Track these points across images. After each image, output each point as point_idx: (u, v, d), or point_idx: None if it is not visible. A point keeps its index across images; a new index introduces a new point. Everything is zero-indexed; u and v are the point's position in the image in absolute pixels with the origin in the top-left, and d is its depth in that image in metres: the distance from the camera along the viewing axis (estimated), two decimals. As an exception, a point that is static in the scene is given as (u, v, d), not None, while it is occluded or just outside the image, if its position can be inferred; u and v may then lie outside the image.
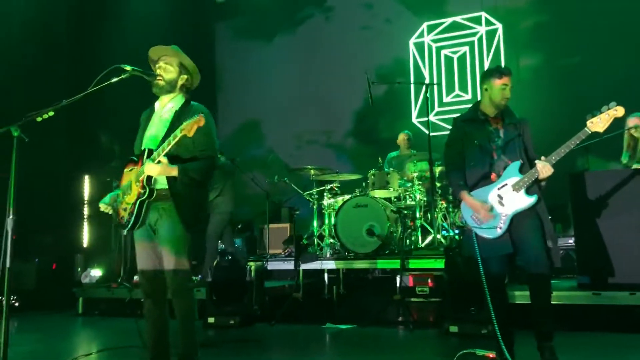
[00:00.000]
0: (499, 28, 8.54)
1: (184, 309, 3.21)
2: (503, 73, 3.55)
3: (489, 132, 3.55)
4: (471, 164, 3.56)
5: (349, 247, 6.05)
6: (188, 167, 3.15)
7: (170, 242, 3.17)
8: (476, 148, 3.53)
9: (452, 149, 3.69)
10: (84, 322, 6.53)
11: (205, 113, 3.28)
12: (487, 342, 4.10)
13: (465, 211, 3.56)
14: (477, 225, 3.49)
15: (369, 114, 8.96)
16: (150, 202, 3.17)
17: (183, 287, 3.21)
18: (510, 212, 3.40)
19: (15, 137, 2.94)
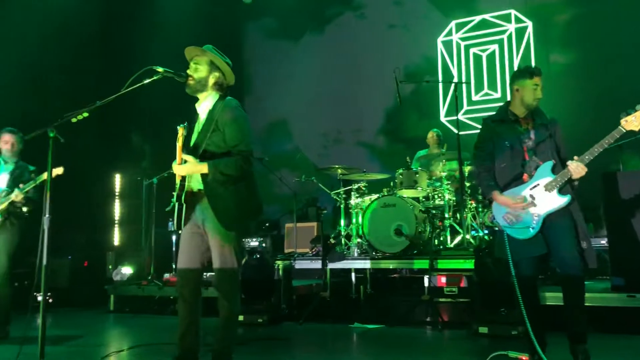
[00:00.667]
0: (528, 26, 8.42)
1: (227, 309, 3.24)
2: (534, 73, 3.52)
3: (519, 132, 3.52)
4: (502, 164, 3.53)
5: (377, 247, 6.03)
6: (219, 163, 3.14)
7: (215, 243, 3.22)
8: (507, 149, 3.51)
9: (482, 149, 3.66)
10: (115, 318, 6.63)
11: (234, 107, 3.30)
12: (517, 344, 4.06)
13: (497, 211, 3.52)
14: (509, 225, 3.45)
15: (397, 112, 8.91)
16: (195, 201, 3.21)
17: (227, 286, 3.24)
18: (542, 213, 3.36)
19: (51, 138, 3.02)
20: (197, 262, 3.30)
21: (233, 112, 3.27)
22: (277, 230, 8.89)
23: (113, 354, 4.31)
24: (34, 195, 5.04)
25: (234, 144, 3.21)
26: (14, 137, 5.21)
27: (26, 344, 3.40)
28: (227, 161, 3.17)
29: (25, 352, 3.41)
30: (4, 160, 5.22)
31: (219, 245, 3.21)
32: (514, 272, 3.37)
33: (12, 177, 5.15)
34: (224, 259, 3.21)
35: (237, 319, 3.34)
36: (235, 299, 3.27)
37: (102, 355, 4.25)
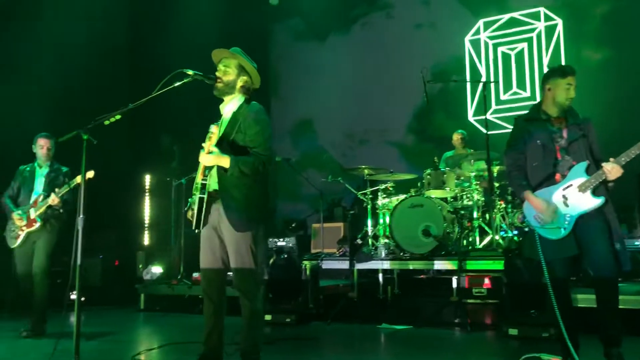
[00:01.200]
0: (558, 23, 8.28)
1: (249, 308, 3.28)
2: (567, 72, 3.49)
3: (551, 132, 3.48)
4: (534, 164, 3.50)
5: (404, 248, 6.00)
6: (239, 159, 3.20)
7: (230, 242, 3.27)
8: (539, 148, 3.47)
9: (514, 148, 3.63)
10: (146, 317, 6.74)
11: (257, 110, 3.35)
12: (548, 346, 4.01)
13: (528, 211, 3.49)
14: (540, 226, 3.41)
15: (424, 112, 8.86)
16: (211, 202, 3.25)
17: (246, 285, 3.28)
18: (575, 213, 3.32)
19: (84, 140, 3.09)
20: (219, 262, 3.35)
21: (257, 115, 3.33)
22: (303, 230, 8.91)
23: (144, 352, 4.38)
24: (69, 197, 5.17)
25: (253, 146, 3.26)
26: (49, 141, 5.36)
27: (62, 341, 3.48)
28: (246, 159, 3.22)
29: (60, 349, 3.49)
30: (39, 164, 5.38)
31: (234, 245, 3.26)
32: (547, 273, 3.33)
33: (48, 180, 5.32)
34: (240, 258, 3.25)
35: (260, 317, 3.38)
36: (255, 298, 3.31)
37: (133, 352, 4.33)
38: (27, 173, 5.39)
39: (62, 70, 7.95)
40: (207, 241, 3.37)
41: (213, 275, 3.37)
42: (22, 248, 5.23)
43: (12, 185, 5.42)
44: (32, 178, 5.35)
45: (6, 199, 5.36)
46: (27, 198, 5.29)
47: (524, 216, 3.53)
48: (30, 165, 5.42)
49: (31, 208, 5.18)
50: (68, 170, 5.41)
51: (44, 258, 5.16)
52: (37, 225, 5.15)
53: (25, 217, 5.19)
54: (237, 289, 3.30)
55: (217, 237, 3.33)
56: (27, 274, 5.18)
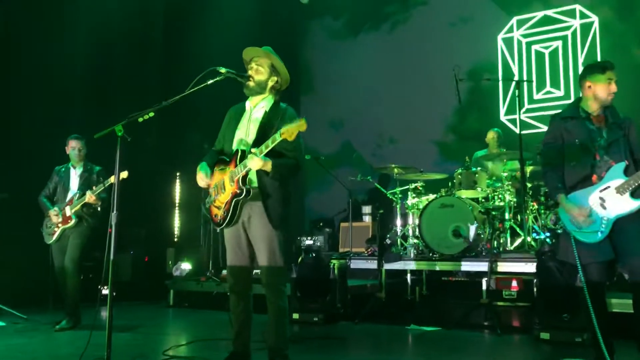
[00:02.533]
0: (595, 21, 8.09)
1: (276, 305, 3.29)
2: (606, 67, 3.42)
3: (590, 130, 3.39)
4: (571, 163, 3.40)
5: (434, 248, 5.94)
6: (280, 163, 3.24)
7: (262, 240, 3.28)
8: (577, 147, 3.38)
9: (551, 147, 3.53)
10: (175, 313, 6.81)
11: (293, 114, 3.37)
12: (581, 351, 3.93)
13: (563, 214, 3.41)
14: (576, 229, 3.33)
15: (456, 111, 8.75)
16: (244, 201, 3.26)
17: (276, 283, 3.30)
18: (612, 216, 3.23)
19: (119, 136, 3.13)
20: (247, 260, 3.39)
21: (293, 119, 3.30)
22: (332, 229, 8.90)
23: (173, 347, 4.42)
24: (105, 194, 5.32)
25: (289, 149, 3.29)
26: (80, 142, 5.59)
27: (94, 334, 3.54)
28: (285, 162, 3.27)
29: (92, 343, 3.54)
30: (73, 165, 5.57)
31: (266, 242, 3.27)
32: (583, 277, 3.26)
33: (82, 179, 5.54)
34: (272, 256, 3.27)
35: (286, 315, 3.38)
36: (282, 295, 3.33)
37: (163, 347, 4.37)
38: (62, 173, 5.62)
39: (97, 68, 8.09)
40: (233, 238, 3.39)
41: (240, 273, 3.40)
42: (57, 244, 5.44)
43: (48, 185, 5.64)
44: (67, 178, 5.57)
45: (43, 198, 5.58)
46: (63, 197, 5.51)
47: (560, 218, 3.46)
48: (65, 165, 5.66)
49: (67, 206, 5.39)
50: (101, 169, 5.60)
51: (76, 252, 5.33)
52: (73, 222, 5.34)
53: (61, 215, 5.37)
54: (265, 286, 3.32)
55: (244, 234, 3.35)
56: (62, 268, 5.36)
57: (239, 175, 3.22)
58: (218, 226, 3.38)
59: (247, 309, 3.43)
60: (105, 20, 8.12)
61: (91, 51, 8.02)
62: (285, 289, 3.40)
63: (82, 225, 5.38)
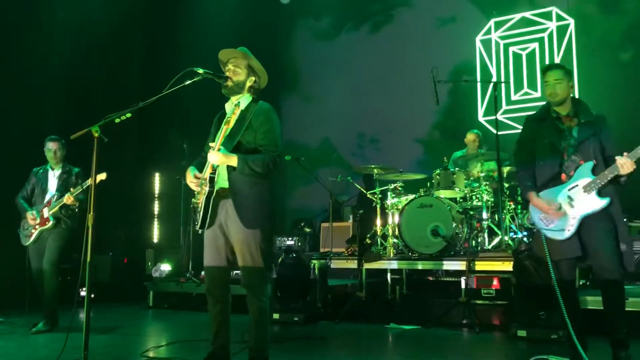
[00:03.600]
0: (570, 23, 8.23)
1: (256, 306, 3.29)
2: (544, 70, 3.58)
3: (560, 130, 3.48)
4: (541, 163, 3.51)
5: (413, 248, 5.99)
6: (248, 157, 3.21)
7: (239, 240, 3.27)
8: (547, 147, 3.48)
9: (523, 148, 3.66)
10: (154, 314, 6.77)
11: (268, 109, 3.37)
12: (557, 348, 3.99)
13: (533, 212, 3.52)
14: (544, 227, 3.42)
15: (434, 112, 8.83)
16: (217, 201, 3.26)
17: (254, 283, 3.30)
18: (579, 214, 3.32)
19: (96, 137, 3.11)
20: (224, 261, 3.36)
21: (268, 114, 3.35)
22: (312, 229, 8.92)
23: (152, 349, 4.40)
24: (84, 196, 5.27)
25: (264, 144, 3.27)
26: (57, 144, 5.53)
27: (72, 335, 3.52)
28: (256, 157, 3.23)
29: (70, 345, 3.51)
30: (51, 167, 5.51)
31: (243, 243, 3.26)
32: (554, 274, 3.35)
33: (60, 181, 5.49)
34: (250, 256, 3.26)
35: (267, 316, 3.38)
36: (263, 295, 3.32)
37: (141, 349, 4.35)
38: (40, 175, 5.56)
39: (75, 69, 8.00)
40: (211, 239, 3.37)
41: (217, 274, 3.39)
42: (35, 245, 5.39)
43: (26, 187, 5.58)
44: (45, 179, 5.51)
45: (20, 200, 5.52)
46: (41, 198, 5.46)
47: (531, 217, 3.55)
48: (43, 167, 5.60)
49: (45, 207, 5.33)
50: (80, 171, 5.55)
51: (54, 254, 5.28)
52: (50, 223, 5.29)
53: (39, 216, 5.33)
54: (245, 287, 3.31)
55: (223, 235, 3.33)
56: (39, 270, 5.30)
57: (205, 172, 3.22)
58: (199, 228, 3.37)
59: (225, 310, 3.41)
60: (84, 20, 8.04)
61: (70, 51, 7.94)
62: (266, 290, 3.39)
63: (60, 227, 5.33)
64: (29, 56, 7.37)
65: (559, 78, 3.46)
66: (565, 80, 3.47)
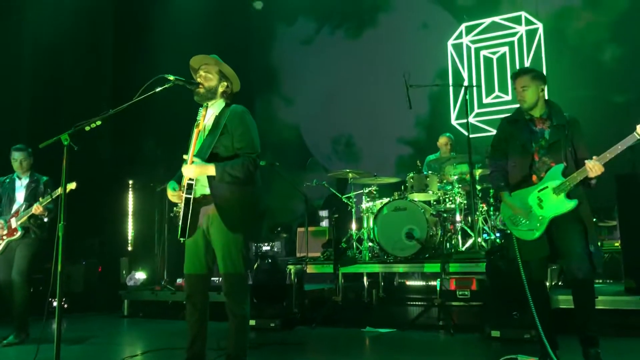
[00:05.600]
0: (539, 27, 8.39)
1: (236, 313, 3.27)
2: (513, 77, 3.65)
3: (532, 132, 3.53)
4: (512, 164, 3.58)
5: (388, 251, 6.02)
6: (226, 164, 3.18)
7: (221, 246, 3.24)
8: (518, 149, 3.54)
9: (496, 149, 3.73)
10: (129, 323, 6.69)
11: (242, 111, 3.36)
12: (530, 347, 4.05)
13: (504, 212, 3.59)
14: (514, 227, 3.50)
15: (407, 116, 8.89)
16: (198, 208, 3.24)
17: (236, 290, 3.27)
18: (548, 215, 3.38)
19: (65, 145, 3.07)
20: (204, 268, 3.34)
21: (242, 116, 3.33)
22: (288, 234, 8.91)
23: (127, 358, 4.35)
24: (52, 205, 5.17)
25: (241, 146, 3.25)
26: (22, 154, 5.39)
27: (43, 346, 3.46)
28: (234, 162, 3.20)
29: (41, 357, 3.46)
30: (18, 176, 5.41)
31: (225, 249, 3.23)
32: (524, 273, 3.42)
33: (29, 190, 5.36)
34: (231, 263, 3.23)
35: (247, 323, 3.36)
36: (244, 303, 3.30)
37: (115, 358, 4.30)
38: (7, 184, 5.43)
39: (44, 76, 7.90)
40: (192, 246, 3.33)
41: (197, 281, 3.36)
42: (2, 256, 5.24)
43: None
44: (12, 189, 5.38)
45: None
46: (9, 208, 5.33)
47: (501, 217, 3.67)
48: (10, 176, 5.46)
49: (12, 217, 5.21)
50: (48, 180, 5.44)
51: (24, 265, 5.17)
52: (18, 234, 5.18)
53: (7, 226, 5.21)
54: (226, 293, 3.28)
55: (204, 242, 3.31)
56: (8, 281, 5.17)
57: (183, 180, 3.21)
58: (180, 237, 3.33)
59: (203, 318, 3.38)
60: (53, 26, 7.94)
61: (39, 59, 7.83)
62: (247, 297, 3.35)
63: (29, 237, 5.22)
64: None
65: (525, 85, 3.52)
66: (534, 85, 3.52)
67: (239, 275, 3.26)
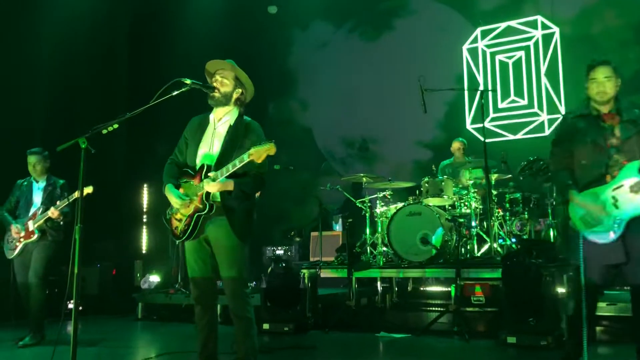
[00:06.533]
0: (555, 32, 8.32)
1: (241, 317, 3.29)
2: (592, 66, 3.39)
3: (602, 129, 3.31)
4: (582, 162, 3.34)
5: (403, 256, 5.99)
6: (242, 182, 3.25)
7: (226, 252, 3.27)
8: (589, 146, 3.31)
9: (561, 147, 3.49)
10: (143, 326, 6.72)
11: (258, 127, 3.38)
12: (546, 354, 4.01)
13: (573, 212, 3.30)
14: (587, 229, 3.22)
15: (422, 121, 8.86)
16: (207, 216, 3.27)
17: (239, 293, 3.29)
18: (626, 216, 3.14)
19: (83, 148, 3.08)
20: (209, 271, 3.38)
21: (260, 135, 3.36)
22: (302, 238, 8.90)
23: (141, 361, 4.37)
24: (69, 209, 5.21)
25: (255, 166, 3.26)
26: (38, 157, 5.45)
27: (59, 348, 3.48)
28: (247, 180, 3.29)
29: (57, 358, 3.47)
30: (35, 179, 5.45)
31: (230, 255, 3.27)
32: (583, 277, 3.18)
33: (45, 194, 5.41)
34: (236, 268, 3.27)
35: (253, 325, 3.36)
36: (248, 305, 3.32)
37: (130, 362, 4.32)
38: (25, 187, 5.48)
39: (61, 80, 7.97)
40: (196, 251, 3.37)
41: (204, 284, 3.39)
42: (19, 258, 5.31)
43: (9, 199, 5.51)
44: (30, 191, 5.44)
45: (4, 212, 5.44)
46: (26, 211, 5.38)
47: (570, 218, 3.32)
48: (27, 179, 5.52)
49: (29, 220, 5.27)
50: (65, 183, 5.50)
51: (41, 267, 5.21)
52: (35, 236, 5.22)
53: (24, 229, 5.26)
54: (229, 297, 3.30)
55: (207, 246, 3.34)
56: (25, 283, 5.23)
57: (202, 191, 3.22)
58: (177, 239, 3.37)
59: (213, 320, 3.41)
60: (69, 31, 8.02)
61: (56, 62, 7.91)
62: (250, 299, 3.38)
63: (46, 239, 5.27)
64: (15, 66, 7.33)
65: (608, 75, 3.31)
66: (614, 76, 3.33)
67: (242, 279, 3.30)
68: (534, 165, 6.35)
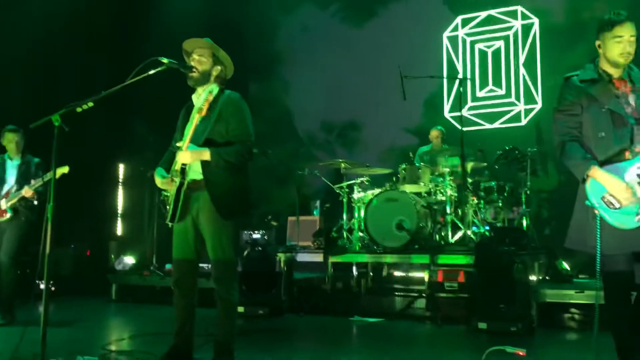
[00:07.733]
0: (535, 22, 8.38)
1: (226, 300, 3.27)
2: (614, 22, 2.84)
3: (617, 96, 2.85)
4: (601, 134, 2.83)
5: (378, 241, 6.04)
6: (221, 150, 3.19)
7: (211, 233, 3.24)
8: (606, 115, 2.83)
9: (567, 114, 2.94)
10: (117, 307, 6.68)
11: (238, 98, 3.35)
12: (516, 340, 4.09)
13: (593, 191, 2.80)
14: (608, 209, 2.75)
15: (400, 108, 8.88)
16: (188, 193, 3.22)
17: (225, 276, 3.27)
18: None
19: (56, 126, 3.04)
20: (193, 254, 3.34)
21: (238, 103, 3.33)
22: (279, 223, 8.91)
23: (114, 342, 4.34)
24: (43, 188, 5.13)
25: (236, 134, 3.25)
26: (15, 135, 5.35)
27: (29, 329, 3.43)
28: (229, 149, 3.22)
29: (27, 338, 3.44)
30: (9, 157, 5.35)
31: (216, 236, 3.23)
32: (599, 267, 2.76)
33: (20, 172, 5.32)
34: (221, 249, 3.23)
35: (236, 309, 3.37)
36: (233, 289, 3.30)
37: (103, 342, 4.29)
38: None
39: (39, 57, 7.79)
40: (181, 232, 3.33)
41: (186, 266, 3.36)
42: None
43: None
44: (3, 170, 5.34)
45: None
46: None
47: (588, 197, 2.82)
48: (1, 157, 5.40)
49: (2, 199, 5.17)
50: (40, 161, 5.40)
51: (12, 246, 5.13)
52: (8, 215, 5.14)
53: None
54: (215, 279, 3.29)
55: (193, 227, 3.30)
56: (-4, 263, 5.14)
57: (176, 164, 3.19)
58: (169, 221, 3.32)
59: (191, 303, 3.40)
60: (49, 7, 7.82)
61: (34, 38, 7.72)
62: (236, 283, 3.37)
63: (19, 219, 5.18)
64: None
65: (634, 34, 2.83)
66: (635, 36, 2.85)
67: (229, 261, 3.26)
68: (509, 155, 6.46)
